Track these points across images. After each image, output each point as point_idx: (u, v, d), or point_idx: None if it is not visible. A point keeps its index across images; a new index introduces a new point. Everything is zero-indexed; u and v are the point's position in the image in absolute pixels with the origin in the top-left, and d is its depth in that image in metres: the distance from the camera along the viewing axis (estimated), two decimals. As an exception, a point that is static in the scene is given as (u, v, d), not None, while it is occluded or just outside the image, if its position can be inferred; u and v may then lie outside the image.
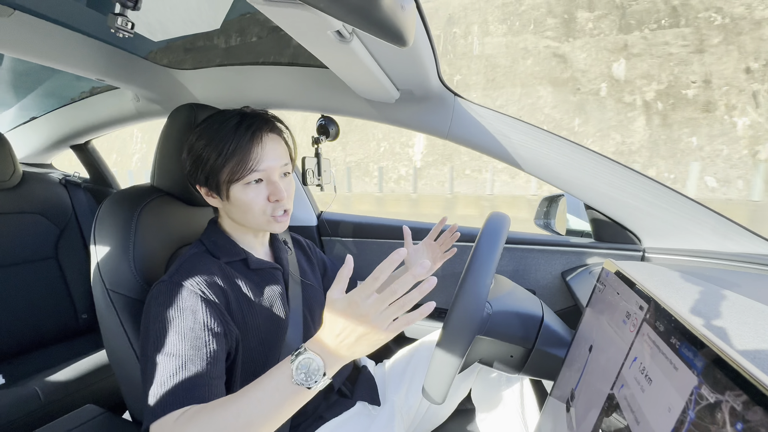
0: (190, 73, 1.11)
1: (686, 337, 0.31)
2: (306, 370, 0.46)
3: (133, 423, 0.78)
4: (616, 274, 0.50)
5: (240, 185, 0.66)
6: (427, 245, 0.91)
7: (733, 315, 0.42)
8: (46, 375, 1.10)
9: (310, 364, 0.47)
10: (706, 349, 0.28)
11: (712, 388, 0.27)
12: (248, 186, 0.66)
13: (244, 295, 0.68)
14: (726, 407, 0.25)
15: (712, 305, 0.40)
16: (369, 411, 0.80)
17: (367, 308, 0.45)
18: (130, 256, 0.71)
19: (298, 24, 0.52)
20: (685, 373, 0.30)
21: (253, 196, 0.66)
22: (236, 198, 0.67)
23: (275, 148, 0.68)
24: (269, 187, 0.67)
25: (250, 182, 0.66)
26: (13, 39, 0.81)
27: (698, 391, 0.28)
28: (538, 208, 1.26)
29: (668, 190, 0.88)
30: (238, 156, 0.64)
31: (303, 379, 0.46)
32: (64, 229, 1.47)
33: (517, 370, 0.68)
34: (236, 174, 0.64)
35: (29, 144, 1.71)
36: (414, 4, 0.44)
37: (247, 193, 0.66)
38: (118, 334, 0.71)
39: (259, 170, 0.65)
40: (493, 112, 0.93)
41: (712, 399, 0.26)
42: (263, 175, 0.67)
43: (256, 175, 0.66)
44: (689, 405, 0.29)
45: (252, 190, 0.66)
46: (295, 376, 0.46)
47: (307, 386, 0.47)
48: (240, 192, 0.66)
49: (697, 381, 0.29)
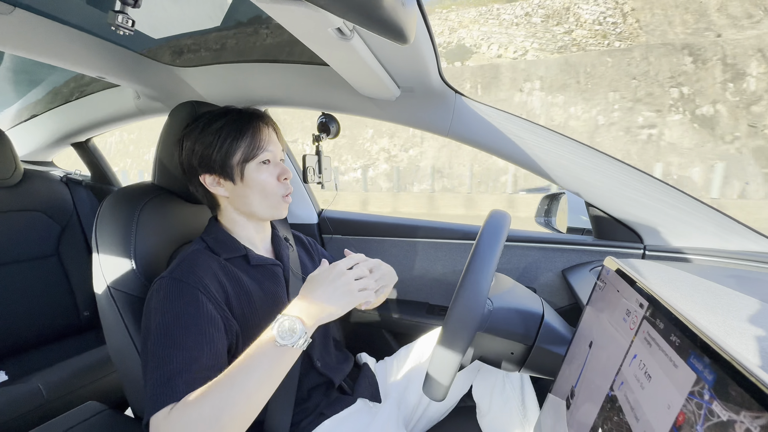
0: (191, 70, 1.11)
1: (687, 335, 0.31)
2: (285, 331, 0.54)
3: (135, 419, 0.78)
4: (617, 272, 0.50)
5: (254, 164, 0.71)
6: None
7: (733, 312, 0.42)
8: (49, 372, 1.10)
9: (286, 325, 0.54)
10: (706, 347, 0.29)
11: (722, 402, 0.26)
12: (261, 166, 0.71)
13: (244, 290, 0.68)
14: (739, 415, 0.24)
15: (713, 303, 0.40)
16: (370, 408, 0.80)
17: (345, 266, 0.59)
18: (132, 254, 0.72)
19: (298, 21, 0.52)
20: (684, 370, 0.30)
21: (267, 176, 0.72)
22: (252, 178, 0.71)
23: (272, 137, 0.75)
24: (277, 167, 0.74)
25: (260, 162, 0.71)
26: (13, 36, 0.81)
27: (701, 389, 0.28)
28: (538, 206, 1.26)
29: (669, 187, 0.88)
30: (251, 136, 0.70)
31: (286, 340, 0.53)
32: (65, 226, 1.48)
33: (518, 368, 0.68)
34: (251, 153, 0.70)
35: (30, 142, 1.71)
36: (415, 1, 0.44)
37: (261, 172, 0.71)
38: (120, 331, 0.72)
39: (268, 150, 0.72)
40: (494, 109, 0.93)
41: (725, 415, 0.26)
42: (271, 156, 0.72)
43: (267, 154, 0.72)
44: (696, 419, 0.27)
45: (265, 170, 0.72)
46: (278, 339, 0.53)
47: (291, 345, 0.53)
48: (255, 171, 0.71)
49: (708, 394, 0.27)
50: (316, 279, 0.59)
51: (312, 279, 0.60)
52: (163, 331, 0.56)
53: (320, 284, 0.58)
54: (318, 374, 0.77)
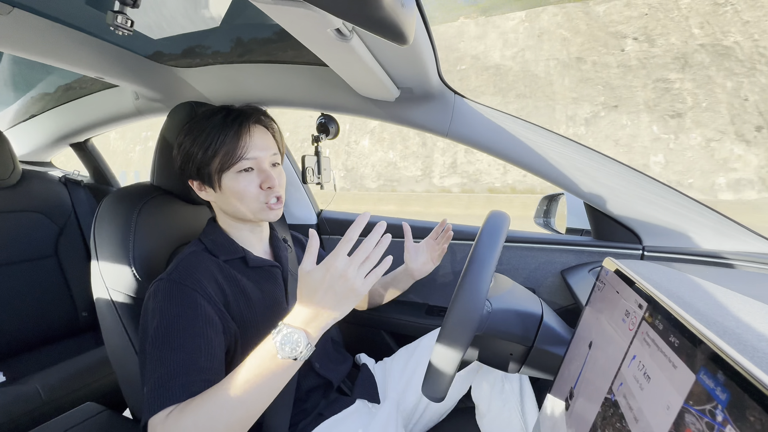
0: (190, 71, 1.11)
1: (686, 336, 0.31)
2: (289, 344, 0.50)
3: (133, 420, 0.78)
4: (616, 273, 0.50)
5: (231, 173, 0.68)
6: (427, 244, 0.96)
7: (732, 313, 0.42)
8: (47, 373, 1.10)
9: (291, 338, 0.51)
10: (704, 346, 0.28)
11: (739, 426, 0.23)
12: (239, 175, 0.68)
13: (242, 292, 0.68)
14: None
15: (712, 304, 0.40)
16: (369, 409, 0.80)
17: (344, 266, 0.50)
18: (130, 255, 0.72)
19: (298, 22, 0.52)
20: (683, 371, 0.30)
21: (245, 185, 0.68)
22: (228, 187, 0.68)
23: (263, 138, 0.70)
24: (261, 175, 0.69)
25: (240, 171, 0.68)
26: (11, 36, 0.81)
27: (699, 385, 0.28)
28: (537, 207, 1.26)
29: (668, 188, 0.88)
30: (227, 146, 0.66)
31: (288, 353, 0.50)
32: (63, 227, 1.47)
33: (517, 368, 0.68)
34: (226, 163, 0.66)
35: (29, 142, 1.70)
36: (414, 2, 0.44)
37: (239, 181, 0.68)
38: (118, 332, 0.72)
39: (248, 158, 0.67)
40: (493, 110, 0.93)
41: None
42: (253, 163, 0.68)
43: (246, 163, 0.68)
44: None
45: (243, 178, 0.68)
46: (280, 352, 0.50)
47: (293, 358, 0.51)
48: (232, 180, 0.68)
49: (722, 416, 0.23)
50: (313, 282, 0.51)
51: (308, 280, 0.52)
52: (160, 333, 0.56)
53: (318, 288, 0.51)
54: (317, 375, 0.77)
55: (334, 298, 0.51)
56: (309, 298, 0.52)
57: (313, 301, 0.51)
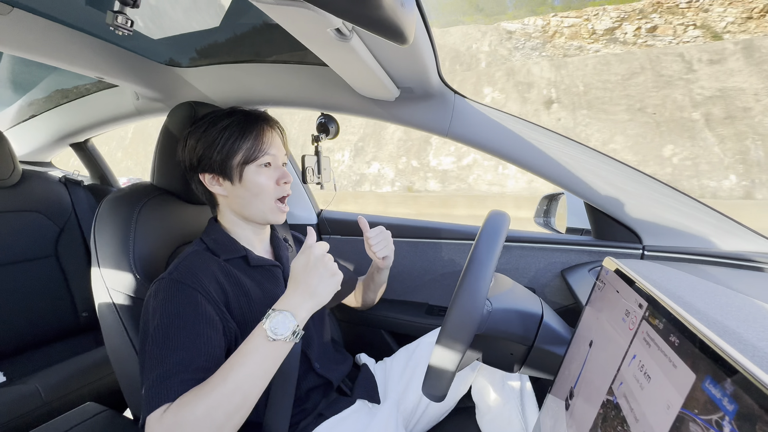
0: (190, 71, 1.11)
1: (686, 336, 0.31)
2: (279, 325, 0.54)
3: (133, 420, 0.78)
4: (616, 272, 0.50)
5: (254, 166, 0.71)
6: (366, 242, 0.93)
7: (732, 313, 0.43)
8: (47, 373, 1.10)
9: (279, 319, 0.54)
10: (708, 352, 0.28)
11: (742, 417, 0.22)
12: (260, 168, 0.72)
13: (243, 292, 0.68)
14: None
15: (712, 303, 0.40)
16: (369, 409, 0.80)
17: (322, 250, 0.60)
18: (130, 255, 0.72)
19: (298, 22, 0.52)
20: (683, 371, 0.30)
21: (265, 179, 0.72)
22: (250, 180, 0.71)
23: (276, 140, 0.75)
24: (278, 171, 0.74)
25: (261, 165, 0.72)
26: (11, 36, 0.81)
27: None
28: (538, 207, 1.26)
29: (668, 188, 0.88)
30: (252, 140, 0.71)
31: (278, 334, 0.54)
32: (63, 227, 1.47)
33: (517, 368, 0.68)
34: (252, 155, 0.71)
35: (29, 142, 1.70)
36: (414, 2, 0.44)
37: (260, 175, 0.72)
38: (119, 332, 0.72)
39: (270, 153, 0.72)
40: (493, 110, 0.93)
41: None
42: (272, 159, 0.73)
43: (268, 158, 0.72)
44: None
45: (264, 173, 0.72)
46: (270, 333, 0.54)
47: (284, 339, 0.54)
48: (254, 173, 0.71)
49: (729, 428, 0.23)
50: (298, 268, 0.59)
51: (294, 268, 0.60)
52: (160, 332, 0.56)
53: (301, 272, 0.58)
54: (317, 375, 0.77)
55: (317, 277, 0.58)
56: (295, 283, 0.58)
57: (299, 285, 0.58)
